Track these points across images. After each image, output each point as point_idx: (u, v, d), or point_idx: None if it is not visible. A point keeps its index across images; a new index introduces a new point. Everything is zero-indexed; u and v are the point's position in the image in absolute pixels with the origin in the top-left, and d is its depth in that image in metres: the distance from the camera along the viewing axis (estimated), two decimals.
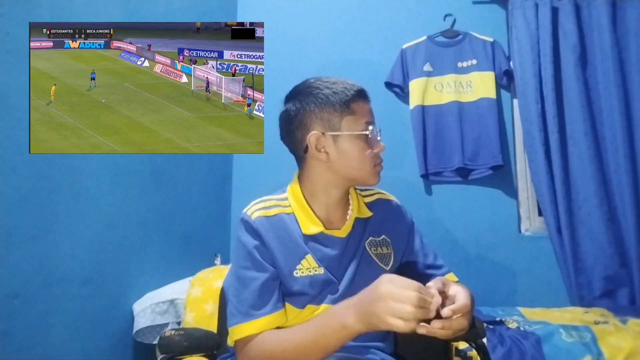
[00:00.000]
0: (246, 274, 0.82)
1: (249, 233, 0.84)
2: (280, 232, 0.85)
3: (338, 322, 0.69)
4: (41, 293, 1.07)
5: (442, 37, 2.21)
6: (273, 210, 0.87)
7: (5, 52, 1.00)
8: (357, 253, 0.89)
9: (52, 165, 1.12)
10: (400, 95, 2.24)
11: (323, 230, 0.86)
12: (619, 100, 1.96)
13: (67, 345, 1.15)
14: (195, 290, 1.37)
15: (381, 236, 0.93)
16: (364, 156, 0.84)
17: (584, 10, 2.09)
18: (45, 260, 1.09)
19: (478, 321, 0.99)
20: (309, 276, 0.83)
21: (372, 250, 0.91)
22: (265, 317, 0.79)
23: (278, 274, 0.83)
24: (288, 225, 0.86)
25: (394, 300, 0.61)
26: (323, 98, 0.84)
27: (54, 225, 1.12)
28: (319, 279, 0.83)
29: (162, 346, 0.88)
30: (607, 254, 1.90)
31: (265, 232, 0.83)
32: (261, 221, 0.84)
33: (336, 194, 0.89)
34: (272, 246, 0.83)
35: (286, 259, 0.83)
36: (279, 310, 0.81)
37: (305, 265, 0.83)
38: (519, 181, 2.17)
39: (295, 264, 0.83)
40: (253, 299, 0.79)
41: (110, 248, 1.34)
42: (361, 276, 0.86)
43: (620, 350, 1.41)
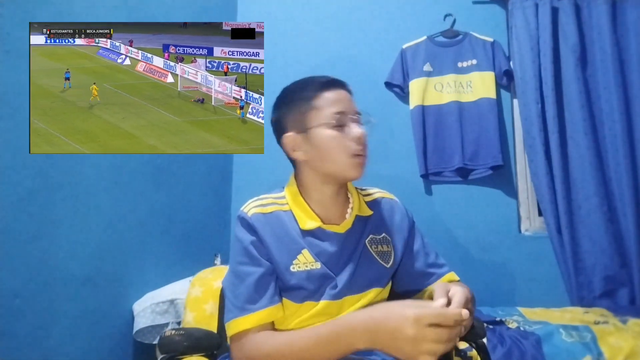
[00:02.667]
0: (242, 269, 0.83)
1: (245, 229, 0.85)
2: (277, 228, 0.86)
3: (347, 344, 0.68)
4: (41, 293, 1.07)
5: (442, 37, 2.21)
6: (270, 207, 0.88)
7: (5, 52, 1.00)
8: (357, 250, 0.89)
9: (52, 165, 1.12)
10: (400, 95, 2.23)
11: (321, 225, 0.87)
12: (619, 100, 1.96)
13: (67, 345, 1.15)
14: (195, 290, 1.37)
15: (382, 234, 0.93)
16: (334, 146, 0.84)
17: (584, 10, 2.08)
18: (45, 260, 1.09)
19: (478, 321, 0.99)
20: (305, 271, 0.83)
21: (372, 248, 0.91)
22: (261, 311, 0.79)
23: (274, 269, 0.83)
24: (285, 221, 0.87)
25: (426, 342, 0.61)
26: (291, 99, 0.88)
27: (54, 225, 1.12)
28: (316, 273, 0.84)
29: (162, 346, 0.88)
30: (607, 254, 1.90)
31: (261, 227, 0.85)
32: (257, 217, 0.85)
33: (328, 191, 0.89)
34: (268, 241, 0.84)
35: (282, 254, 0.84)
36: (275, 305, 0.81)
37: (302, 260, 0.84)
38: (519, 181, 2.17)
39: (291, 258, 0.84)
40: (249, 293, 0.80)
41: (110, 248, 1.34)
42: (361, 272, 0.87)
43: (620, 350, 1.41)
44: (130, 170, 1.44)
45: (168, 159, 1.64)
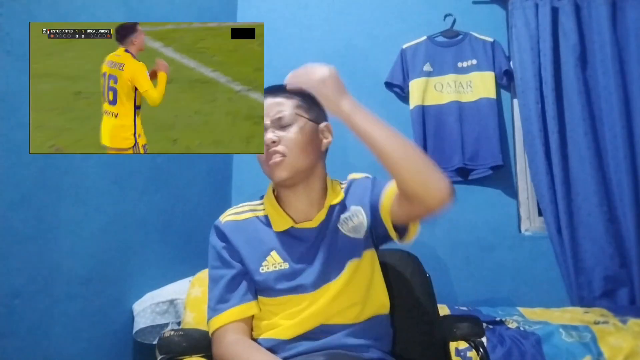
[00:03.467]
0: (216, 272, 0.89)
1: (217, 236, 0.92)
2: (247, 234, 0.91)
3: None
4: (41, 293, 1.07)
5: (442, 37, 2.21)
6: (245, 214, 0.95)
7: (5, 52, 1.00)
8: (329, 236, 0.89)
9: (52, 165, 1.12)
10: (400, 95, 2.24)
11: (293, 225, 0.90)
12: (619, 100, 1.96)
13: (67, 345, 1.15)
14: (195, 290, 1.38)
15: (350, 209, 0.92)
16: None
17: (584, 10, 2.09)
18: (46, 260, 1.09)
19: (478, 321, 0.99)
20: (274, 271, 0.87)
21: (344, 228, 0.90)
22: (231, 309, 0.85)
23: (246, 270, 0.88)
24: (257, 226, 0.92)
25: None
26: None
27: (54, 225, 1.12)
28: (285, 272, 0.87)
29: (161, 347, 0.88)
30: (607, 254, 1.90)
31: (231, 234, 0.90)
32: (229, 224, 0.92)
33: (289, 192, 0.91)
34: (238, 246, 0.89)
35: (252, 257, 0.88)
36: (247, 302, 0.86)
37: (271, 261, 0.88)
38: (519, 181, 2.17)
39: (261, 260, 0.88)
40: (220, 294, 0.86)
41: (110, 248, 1.34)
42: (334, 256, 0.88)
43: (620, 350, 1.41)
44: (130, 170, 1.44)
45: (168, 159, 1.64)
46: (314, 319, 0.84)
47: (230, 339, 0.82)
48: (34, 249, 1.06)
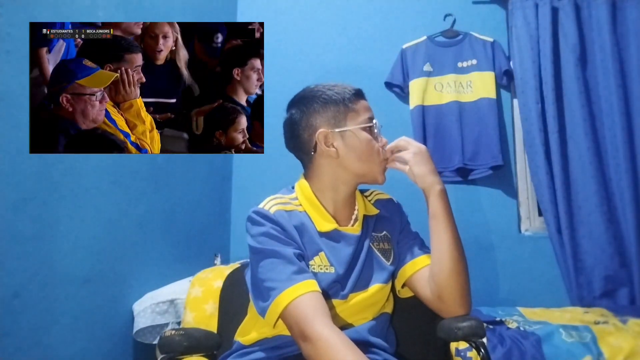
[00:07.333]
0: (276, 251, 0.80)
1: (270, 222, 0.83)
2: (298, 226, 0.86)
3: None
4: (41, 293, 1.07)
5: (442, 37, 2.21)
6: (289, 206, 0.89)
7: (5, 52, 1.00)
8: (364, 249, 0.91)
9: (52, 165, 1.12)
10: (400, 95, 2.23)
11: (337, 227, 0.88)
12: (619, 100, 1.96)
13: (67, 345, 1.15)
14: (195, 290, 1.37)
15: (383, 232, 0.96)
16: (371, 148, 0.88)
17: (584, 10, 2.09)
18: (45, 260, 1.09)
19: (478, 321, 0.99)
20: (319, 273, 0.84)
21: (375, 246, 0.93)
22: (311, 279, 0.77)
23: (303, 255, 0.83)
24: (304, 221, 0.88)
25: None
26: (326, 98, 0.89)
27: (54, 225, 1.12)
28: (328, 277, 0.84)
29: (162, 346, 0.88)
30: (607, 254, 1.90)
31: (285, 223, 0.84)
32: (281, 214, 0.85)
33: (345, 191, 0.91)
34: (294, 235, 0.84)
35: (306, 250, 0.85)
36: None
37: (318, 262, 0.85)
38: (519, 181, 2.16)
39: (309, 258, 0.85)
40: (292, 267, 0.78)
41: (110, 248, 1.34)
42: (366, 270, 0.89)
43: (620, 350, 1.41)
44: (130, 170, 1.44)
45: (168, 159, 1.64)
46: (334, 321, 0.84)
47: (321, 318, 0.72)
48: (34, 249, 1.06)
